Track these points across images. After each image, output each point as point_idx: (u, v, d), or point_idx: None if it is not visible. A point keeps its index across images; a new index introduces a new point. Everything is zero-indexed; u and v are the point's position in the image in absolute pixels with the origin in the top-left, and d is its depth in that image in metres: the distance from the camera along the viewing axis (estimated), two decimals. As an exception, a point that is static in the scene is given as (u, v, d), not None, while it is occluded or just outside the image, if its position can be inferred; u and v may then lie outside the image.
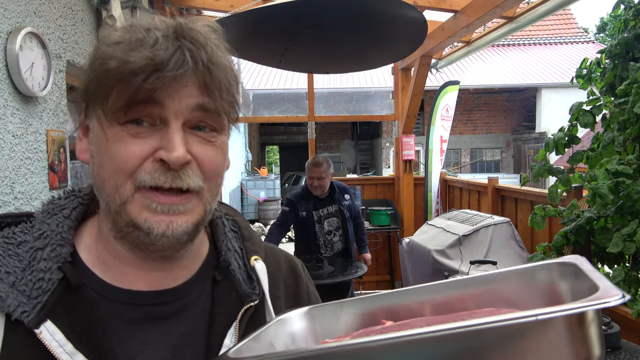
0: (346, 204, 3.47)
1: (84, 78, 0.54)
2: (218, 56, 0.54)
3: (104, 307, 0.54)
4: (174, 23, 0.54)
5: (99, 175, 0.53)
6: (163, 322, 0.57)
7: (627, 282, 1.97)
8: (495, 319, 0.34)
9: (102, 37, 0.53)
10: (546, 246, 2.70)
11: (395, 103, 5.63)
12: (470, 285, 0.52)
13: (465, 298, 0.52)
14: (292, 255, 0.75)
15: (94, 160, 0.54)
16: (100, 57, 0.52)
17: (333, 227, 3.47)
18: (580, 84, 2.65)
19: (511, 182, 11.60)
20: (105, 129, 0.52)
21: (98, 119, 0.53)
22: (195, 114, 0.53)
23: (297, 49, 2.87)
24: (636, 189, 1.94)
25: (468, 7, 3.65)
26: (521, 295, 0.50)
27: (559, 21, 18.60)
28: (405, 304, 0.53)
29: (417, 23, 2.42)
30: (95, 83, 0.52)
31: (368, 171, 17.08)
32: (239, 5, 4.31)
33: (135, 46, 0.50)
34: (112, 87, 0.50)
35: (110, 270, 0.57)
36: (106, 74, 0.50)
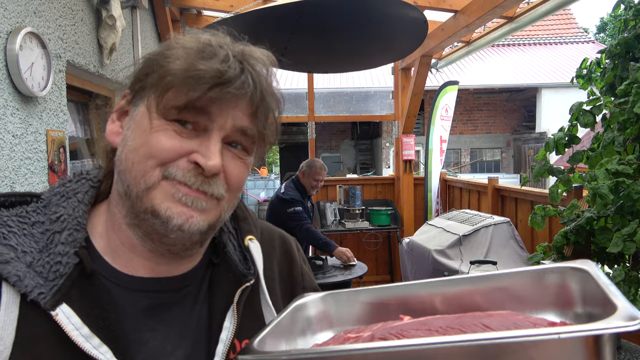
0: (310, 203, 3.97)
1: (141, 68, 0.57)
2: (272, 88, 0.58)
3: (116, 293, 0.56)
4: (241, 46, 0.58)
5: (129, 157, 0.55)
6: (171, 308, 0.59)
7: (627, 282, 1.97)
8: (520, 334, 0.36)
9: (176, 38, 0.56)
10: (546, 246, 2.70)
11: (395, 103, 5.63)
12: (481, 282, 0.53)
13: (475, 294, 0.53)
14: (287, 234, 0.77)
15: (127, 143, 0.56)
16: (169, 54, 0.54)
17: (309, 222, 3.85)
18: (580, 84, 2.65)
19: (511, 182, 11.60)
20: (153, 119, 0.54)
21: (148, 108, 0.55)
22: (236, 134, 0.56)
23: (296, 48, 2.87)
24: (636, 189, 1.94)
25: (468, 7, 3.64)
26: (531, 295, 0.51)
27: (559, 21, 18.60)
28: (417, 295, 0.55)
29: (417, 23, 2.42)
30: (157, 77, 0.54)
31: (368, 171, 17.08)
32: (239, 5, 4.31)
33: (207, 56, 0.53)
34: (172, 85, 0.53)
35: (119, 257, 0.58)
36: (173, 72, 0.53)
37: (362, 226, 5.13)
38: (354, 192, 5.05)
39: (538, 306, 0.50)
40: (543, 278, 0.51)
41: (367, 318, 0.55)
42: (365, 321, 0.55)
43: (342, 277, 2.90)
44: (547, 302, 0.50)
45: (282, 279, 0.71)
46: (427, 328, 0.46)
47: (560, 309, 0.49)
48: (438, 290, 0.55)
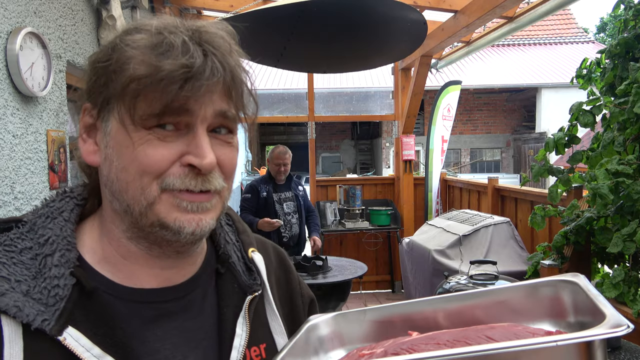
0: (301, 193, 3.91)
1: (94, 78, 0.54)
2: (239, 63, 0.56)
3: (119, 307, 0.55)
4: (192, 26, 0.54)
5: (121, 178, 0.53)
6: (177, 317, 0.58)
7: (627, 282, 1.97)
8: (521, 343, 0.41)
9: (125, 39, 0.53)
10: (546, 246, 2.70)
11: (395, 103, 5.63)
12: (480, 297, 0.58)
13: (475, 308, 0.57)
14: (277, 245, 0.78)
15: (113, 164, 0.53)
16: (123, 59, 0.51)
17: (291, 210, 3.82)
18: (580, 84, 2.65)
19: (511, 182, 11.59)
20: (130, 132, 0.52)
21: (121, 122, 0.52)
22: (217, 119, 0.55)
23: (296, 47, 2.87)
24: (636, 189, 1.94)
25: (468, 7, 3.65)
26: (527, 307, 0.56)
27: (559, 21, 18.60)
28: (421, 312, 0.58)
29: (417, 24, 2.42)
30: (120, 86, 0.51)
31: (368, 171, 17.08)
32: (239, 5, 4.31)
33: (165, 50, 0.50)
34: (140, 93, 0.51)
35: (119, 271, 0.57)
36: (136, 78, 0.50)
37: (362, 226, 5.13)
38: (354, 192, 5.05)
39: (534, 317, 0.55)
40: (537, 291, 0.56)
41: (375, 335, 0.58)
42: (373, 338, 0.58)
43: (342, 277, 2.90)
44: (542, 313, 0.55)
45: (279, 288, 0.71)
46: (436, 342, 0.49)
47: (554, 319, 0.54)
48: (440, 307, 0.58)
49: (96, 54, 0.55)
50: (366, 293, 5.48)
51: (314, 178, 5.48)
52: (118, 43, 0.53)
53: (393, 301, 0.64)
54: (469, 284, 2.40)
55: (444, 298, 0.58)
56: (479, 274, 2.47)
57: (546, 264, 2.47)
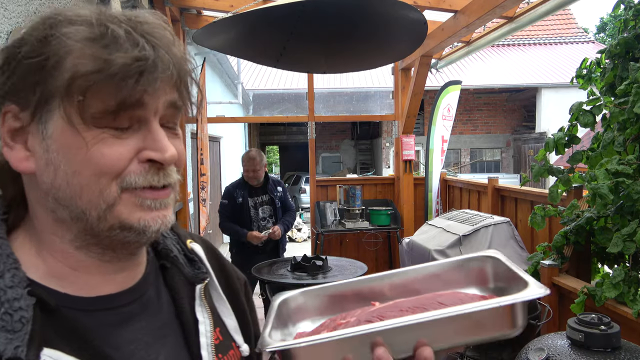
0: (278, 195, 3.85)
1: (21, 75, 0.48)
2: (182, 52, 0.54)
3: (84, 319, 0.52)
4: (130, 16, 0.51)
5: (73, 183, 0.49)
6: (140, 318, 0.57)
7: (627, 282, 1.97)
8: (476, 305, 0.52)
9: (60, 30, 0.48)
10: (546, 246, 2.70)
11: (395, 103, 5.63)
12: (418, 272, 0.69)
13: (414, 281, 0.68)
14: (201, 235, 0.79)
15: (61, 168, 0.49)
16: (65, 54, 0.47)
17: (267, 214, 3.80)
18: (580, 84, 2.65)
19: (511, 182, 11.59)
20: (82, 131, 0.48)
21: (69, 122, 0.48)
22: (168, 111, 0.53)
23: (295, 48, 2.87)
24: (636, 189, 1.94)
25: (468, 7, 3.65)
26: (456, 278, 0.68)
27: (559, 21, 18.60)
28: (369, 286, 0.68)
29: (417, 24, 2.42)
30: (63, 84, 0.47)
31: (368, 171, 17.08)
32: (238, 5, 4.31)
33: (110, 43, 0.47)
34: (90, 89, 0.47)
35: (71, 283, 0.53)
36: (84, 74, 0.47)
37: (362, 226, 5.13)
38: (354, 192, 5.05)
39: (463, 285, 0.67)
40: (464, 265, 0.68)
41: (333, 308, 0.67)
42: (331, 310, 0.67)
43: (342, 278, 2.90)
44: (469, 282, 0.67)
45: (217, 274, 0.72)
46: (399, 309, 0.58)
47: (479, 286, 0.67)
48: (385, 282, 0.68)
49: (15, 48, 0.48)
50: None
51: (314, 178, 5.48)
52: (50, 35, 0.48)
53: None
54: (469, 284, 2.40)
55: (387, 274, 0.68)
56: (479, 274, 2.47)
57: (546, 264, 2.47)
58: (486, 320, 0.53)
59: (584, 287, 2.15)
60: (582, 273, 2.52)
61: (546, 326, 2.37)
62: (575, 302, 2.14)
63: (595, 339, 1.54)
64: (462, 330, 0.53)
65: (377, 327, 0.51)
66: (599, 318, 1.60)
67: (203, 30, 2.46)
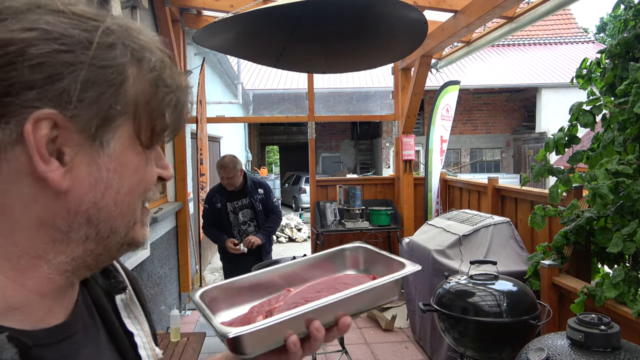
0: (259, 197, 3.77)
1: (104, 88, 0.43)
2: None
3: (50, 356, 0.45)
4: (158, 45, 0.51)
5: (124, 201, 0.47)
6: (87, 343, 0.51)
7: (627, 282, 1.97)
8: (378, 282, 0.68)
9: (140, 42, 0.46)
10: (546, 246, 2.70)
11: (395, 103, 5.63)
12: (301, 264, 0.81)
13: (300, 271, 0.79)
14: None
15: (114, 187, 0.46)
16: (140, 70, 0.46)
17: (247, 218, 3.76)
18: (580, 84, 2.65)
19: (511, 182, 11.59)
20: (140, 152, 0.47)
21: (135, 142, 0.46)
22: None
23: (295, 48, 2.87)
24: (636, 189, 1.94)
25: (468, 7, 3.65)
26: (335, 266, 0.82)
27: (559, 21, 18.60)
28: (267, 277, 0.78)
29: (417, 24, 2.42)
30: (135, 100, 0.45)
31: (368, 171, 17.08)
32: (239, 5, 4.31)
33: (173, 68, 0.49)
34: (162, 111, 0.47)
35: (31, 314, 0.45)
36: (160, 97, 0.47)
37: (362, 226, 5.13)
38: (354, 192, 5.05)
39: (341, 270, 0.81)
40: (339, 254, 0.83)
41: (242, 299, 0.76)
42: (242, 301, 0.75)
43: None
44: (345, 267, 0.82)
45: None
46: (315, 291, 0.69)
47: (353, 269, 0.82)
48: (276, 273, 0.79)
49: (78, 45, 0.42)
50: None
51: (314, 178, 5.48)
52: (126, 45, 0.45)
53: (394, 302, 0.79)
54: (469, 284, 2.40)
55: (276, 268, 0.79)
56: (479, 274, 2.46)
57: (546, 264, 2.47)
58: (383, 292, 0.69)
59: (584, 287, 2.15)
60: (582, 273, 2.52)
61: (546, 326, 2.37)
62: (575, 302, 2.14)
63: (595, 339, 1.54)
64: (368, 301, 0.68)
65: (314, 306, 0.63)
66: (599, 318, 1.60)
67: (203, 30, 2.46)
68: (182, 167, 5.09)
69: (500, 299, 2.28)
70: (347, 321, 0.64)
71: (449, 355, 3.09)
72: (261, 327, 0.60)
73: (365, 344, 4.08)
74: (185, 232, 5.11)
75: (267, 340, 0.62)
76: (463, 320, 2.28)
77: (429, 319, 3.60)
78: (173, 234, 4.98)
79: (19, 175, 0.41)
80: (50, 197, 0.43)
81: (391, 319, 4.37)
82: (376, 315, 4.52)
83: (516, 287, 2.36)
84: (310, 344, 0.63)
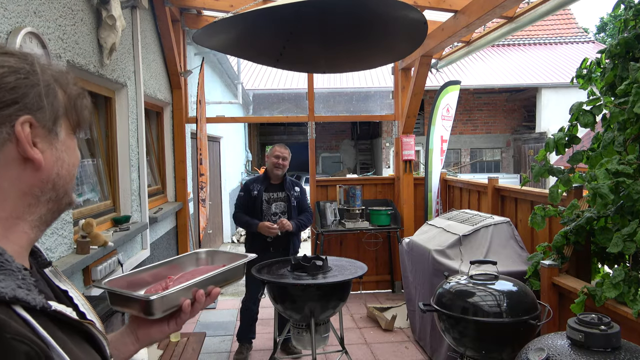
0: (295, 194, 3.87)
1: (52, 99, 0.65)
2: None
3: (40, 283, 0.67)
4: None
5: (71, 172, 0.70)
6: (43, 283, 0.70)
7: (627, 282, 1.97)
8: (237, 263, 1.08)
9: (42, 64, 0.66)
10: (546, 246, 2.70)
11: (395, 103, 5.63)
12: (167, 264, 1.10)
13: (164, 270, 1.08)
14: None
15: (66, 162, 0.68)
16: (68, 84, 0.69)
17: (279, 210, 3.81)
18: (580, 84, 2.65)
19: (511, 182, 11.59)
20: (73, 139, 0.70)
21: (71, 131, 0.70)
22: None
23: (295, 48, 2.87)
24: (636, 189, 1.94)
25: (468, 7, 3.65)
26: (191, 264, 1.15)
27: (559, 21, 18.60)
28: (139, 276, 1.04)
29: (417, 24, 2.42)
30: (69, 103, 0.68)
31: (368, 171, 17.08)
32: (239, 5, 4.31)
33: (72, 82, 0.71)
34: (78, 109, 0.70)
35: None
36: (74, 98, 0.69)
37: (362, 226, 5.13)
38: (354, 192, 5.05)
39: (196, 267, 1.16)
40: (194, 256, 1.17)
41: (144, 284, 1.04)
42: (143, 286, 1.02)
43: (342, 277, 2.89)
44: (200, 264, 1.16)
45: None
46: (191, 274, 1.01)
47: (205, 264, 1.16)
48: (147, 272, 1.06)
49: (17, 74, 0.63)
50: (366, 293, 5.48)
51: (314, 178, 5.48)
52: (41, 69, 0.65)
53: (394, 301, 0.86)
54: (469, 284, 2.40)
55: (148, 267, 1.07)
56: (479, 274, 2.46)
57: (546, 264, 2.47)
58: (234, 272, 1.06)
59: (584, 287, 2.14)
60: (582, 273, 2.52)
61: (546, 326, 2.37)
62: (575, 302, 2.14)
63: (595, 339, 1.54)
64: (227, 278, 1.03)
65: (198, 280, 0.94)
66: (599, 318, 1.60)
67: (203, 30, 2.46)
68: (182, 167, 5.08)
69: (500, 299, 2.28)
70: (217, 291, 0.96)
71: (449, 355, 3.09)
72: (169, 292, 0.88)
73: (365, 344, 4.08)
74: (185, 232, 5.11)
75: (170, 304, 0.89)
76: (463, 320, 2.28)
77: (429, 319, 3.60)
78: (173, 234, 4.98)
79: (8, 162, 0.61)
80: (30, 173, 0.63)
81: (391, 319, 4.36)
82: (376, 315, 4.52)
83: (516, 287, 2.36)
84: (194, 307, 0.92)
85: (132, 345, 0.88)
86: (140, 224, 3.62)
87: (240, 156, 12.21)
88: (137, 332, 0.89)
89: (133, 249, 3.67)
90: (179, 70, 4.89)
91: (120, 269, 3.18)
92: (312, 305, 2.84)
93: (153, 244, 4.15)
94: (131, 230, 3.33)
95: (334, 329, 3.12)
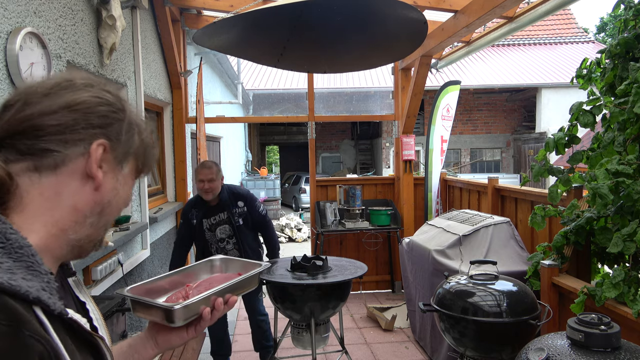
0: (238, 211, 3.36)
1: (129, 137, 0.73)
2: None
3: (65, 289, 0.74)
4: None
5: (119, 204, 0.73)
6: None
7: (627, 282, 1.97)
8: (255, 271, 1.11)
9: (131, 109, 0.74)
10: (546, 246, 2.70)
11: (395, 103, 5.63)
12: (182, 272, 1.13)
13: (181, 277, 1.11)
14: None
15: (119, 194, 0.73)
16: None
17: (225, 235, 3.38)
18: (580, 84, 2.65)
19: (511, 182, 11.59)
20: (133, 178, 0.76)
21: (133, 172, 0.75)
22: None
23: (295, 48, 2.87)
24: (636, 189, 1.94)
25: (468, 7, 3.65)
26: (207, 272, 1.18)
27: (559, 21, 18.60)
28: (158, 283, 1.06)
29: (417, 24, 2.42)
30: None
31: (368, 171, 17.08)
32: (239, 5, 4.31)
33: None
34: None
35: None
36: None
37: (362, 226, 5.13)
38: (354, 192, 5.05)
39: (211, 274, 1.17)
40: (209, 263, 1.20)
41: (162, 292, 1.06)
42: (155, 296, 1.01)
43: (342, 277, 2.89)
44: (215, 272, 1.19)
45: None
46: (210, 283, 1.04)
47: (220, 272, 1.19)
48: (165, 280, 1.08)
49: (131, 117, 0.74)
50: (366, 293, 5.49)
51: (314, 178, 5.48)
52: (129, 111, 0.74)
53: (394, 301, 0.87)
54: (469, 284, 2.40)
55: (165, 275, 1.09)
56: (479, 274, 2.46)
57: (546, 264, 2.47)
58: (250, 281, 1.08)
59: (584, 287, 2.14)
60: (582, 273, 2.52)
61: (546, 326, 2.37)
62: (575, 302, 2.14)
63: (595, 339, 1.54)
64: (243, 286, 1.06)
65: (217, 289, 0.96)
66: (599, 318, 1.60)
67: (203, 30, 2.46)
68: (182, 167, 5.08)
69: (500, 299, 2.28)
70: (235, 299, 0.99)
71: (449, 355, 3.09)
72: (191, 302, 0.91)
73: (365, 344, 4.08)
74: (185, 232, 5.09)
75: (192, 312, 0.91)
76: (463, 320, 2.28)
77: (429, 319, 3.60)
78: (173, 234, 4.98)
79: (74, 173, 0.67)
80: (88, 190, 0.68)
81: (391, 319, 4.36)
82: (376, 315, 4.52)
83: (516, 287, 2.36)
84: (213, 315, 0.95)
85: (151, 349, 0.92)
86: (140, 224, 3.62)
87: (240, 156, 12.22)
88: (156, 337, 0.92)
89: (133, 249, 3.67)
90: (179, 70, 4.89)
91: (120, 269, 3.18)
92: (312, 305, 2.84)
93: (153, 244, 4.15)
94: (131, 230, 3.33)
95: (334, 329, 3.12)
